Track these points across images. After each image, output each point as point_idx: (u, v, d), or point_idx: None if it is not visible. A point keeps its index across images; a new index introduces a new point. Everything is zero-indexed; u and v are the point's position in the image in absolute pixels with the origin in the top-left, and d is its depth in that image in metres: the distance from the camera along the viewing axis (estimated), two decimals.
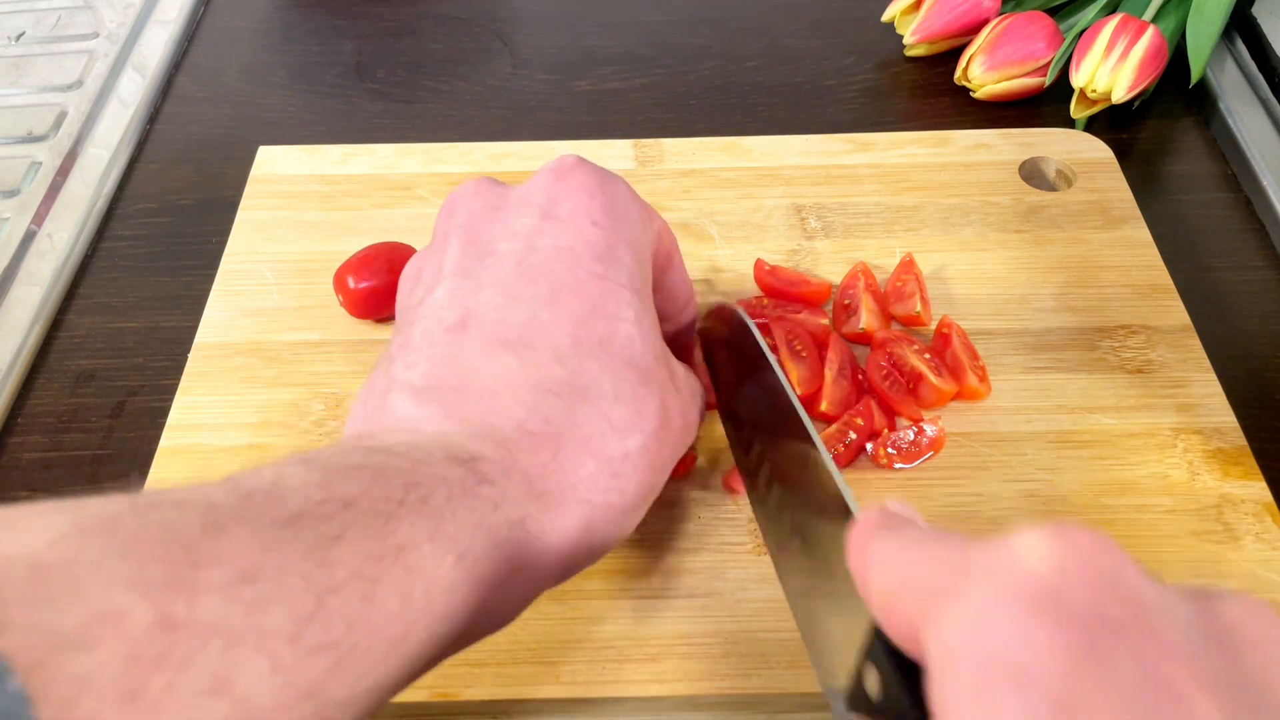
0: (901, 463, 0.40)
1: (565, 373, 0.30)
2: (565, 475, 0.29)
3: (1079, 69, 0.55)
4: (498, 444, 0.28)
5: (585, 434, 0.29)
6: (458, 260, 0.32)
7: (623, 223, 0.32)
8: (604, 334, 0.31)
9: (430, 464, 0.26)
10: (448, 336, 0.30)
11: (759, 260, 0.47)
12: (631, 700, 0.35)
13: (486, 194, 0.34)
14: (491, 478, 0.27)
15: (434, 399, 0.29)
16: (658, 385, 0.31)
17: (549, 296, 0.30)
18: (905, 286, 0.46)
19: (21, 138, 0.59)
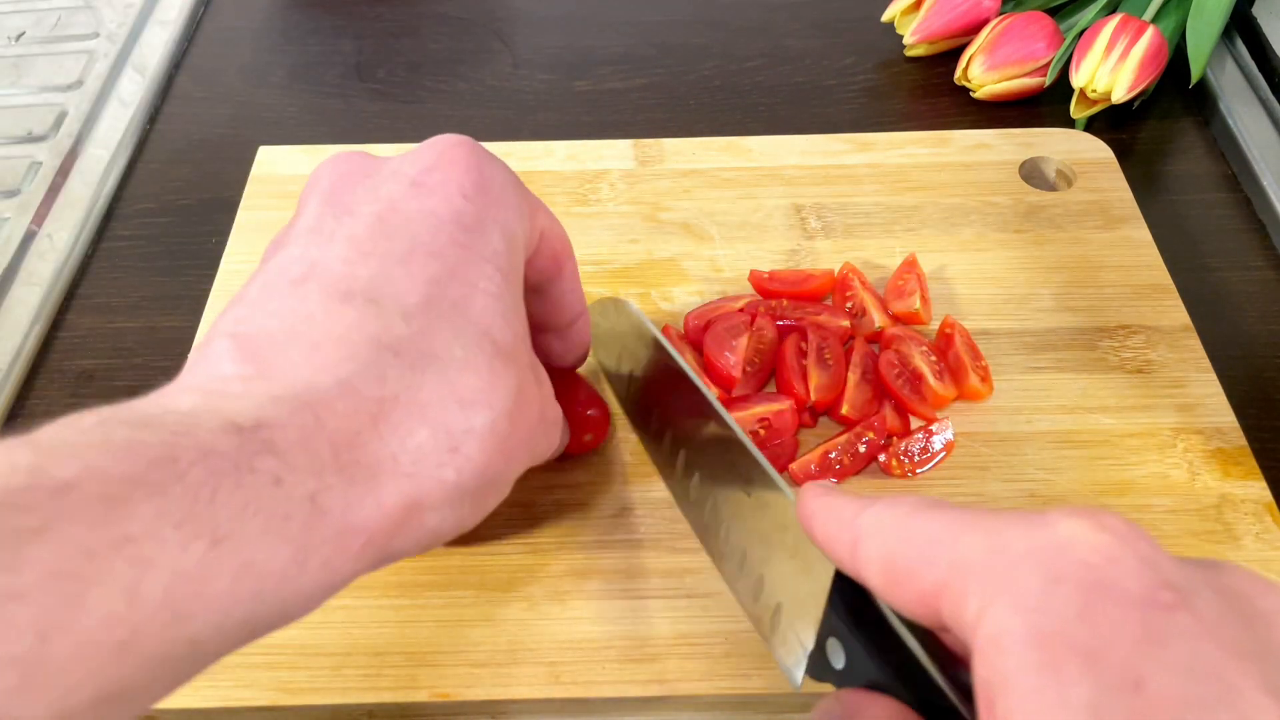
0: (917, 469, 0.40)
1: (411, 332, 0.27)
2: (386, 444, 0.26)
3: (1079, 69, 0.55)
4: (303, 405, 0.25)
5: (423, 399, 0.26)
6: (313, 219, 0.30)
7: (495, 203, 0.30)
8: (459, 299, 0.28)
9: (195, 434, 0.23)
10: (288, 289, 0.28)
11: (753, 271, 0.47)
12: (631, 700, 0.35)
13: (355, 161, 0.32)
14: (278, 447, 0.24)
15: (250, 353, 0.26)
16: (516, 366, 0.29)
17: (405, 253, 0.28)
18: (906, 285, 0.46)
19: (21, 138, 0.59)
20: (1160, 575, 0.20)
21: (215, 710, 0.35)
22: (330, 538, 0.24)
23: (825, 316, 0.45)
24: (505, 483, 0.30)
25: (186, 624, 0.22)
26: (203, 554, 0.22)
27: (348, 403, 0.25)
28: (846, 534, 0.25)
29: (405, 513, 0.26)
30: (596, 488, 0.40)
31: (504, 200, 0.31)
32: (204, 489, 0.22)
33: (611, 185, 0.52)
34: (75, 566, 0.20)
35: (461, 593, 0.37)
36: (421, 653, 0.36)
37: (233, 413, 0.24)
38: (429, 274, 0.28)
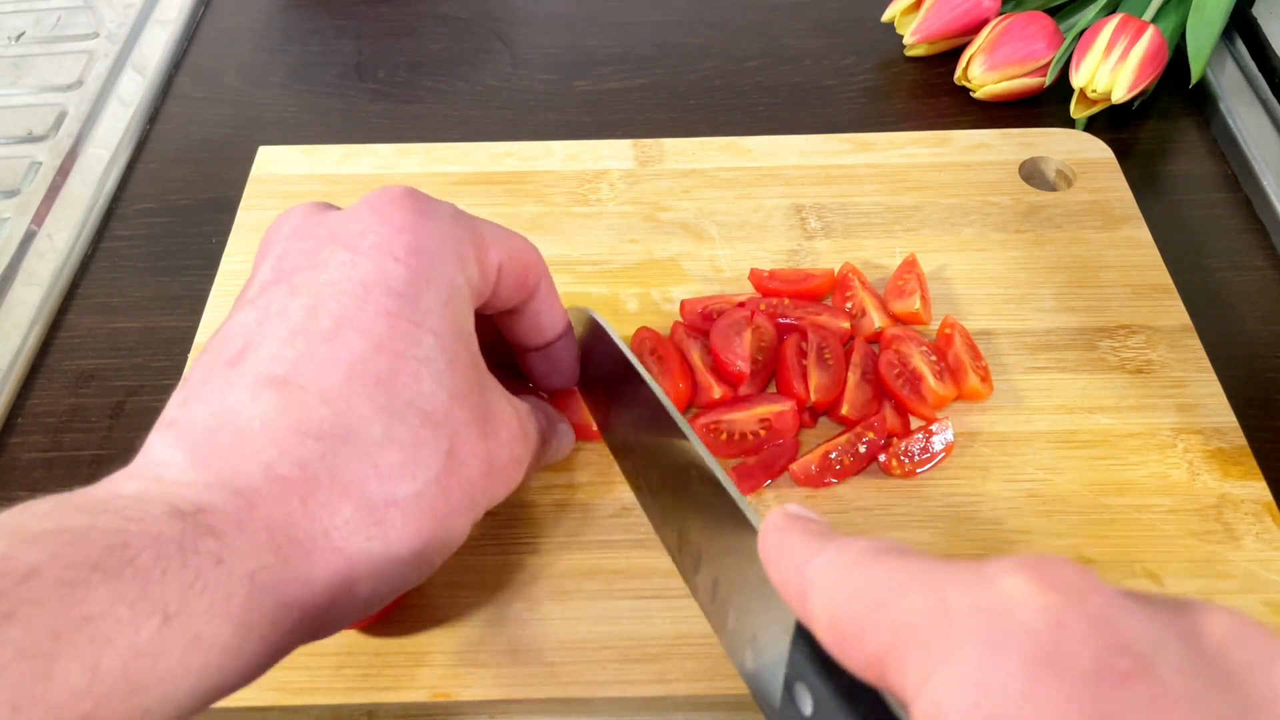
0: (919, 469, 0.40)
1: (330, 413, 0.28)
2: (315, 522, 0.27)
3: (1079, 69, 0.55)
4: (235, 492, 0.26)
5: (345, 479, 0.27)
6: (256, 288, 0.31)
7: (429, 260, 0.30)
8: (383, 373, 0.29)
9: (145, 520, 0.25)
10: (222, 372, 0.29)
11: (754, 270, 0.47)
12: (631, 700, 0.35)
13: (305, 221, 0.32)
14: (218, 530, 0.25)
15: (184, 442, 0.28)
16: (447, 429, 0.29)
17: (330, 331, 0.29)
18: (906, 285, 0.46)
19: (21, 138, 0.59)
20: (1116, 638, 0.18)
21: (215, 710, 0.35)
22: (268, 614, 0.26)
23: (825, 317, 0.45)
24: (449, 540, 0.30)
25: (141, 696, 0.23)
26: (156, 630, 0.23)
27: (273, 487, 0.27)
28: (797, 583, 0.24)
29: (337, 587, 0.27)
30: (596, 488, 0.40)
31: (440, 255, 0.31)
32: (154, 570, 0.24)
33: (611, 185, 0.52)
34: (42, 646, 0.22)
35: (461, 593, 0.37)
36: (421, 653, 0.36)
37: (174, 499, 0.26)
38: (353, 352, 0.29)
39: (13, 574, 0.22)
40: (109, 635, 0.22)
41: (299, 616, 0.27)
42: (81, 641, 0.22)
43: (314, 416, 0.28)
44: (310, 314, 0.29)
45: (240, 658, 0.25)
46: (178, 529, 0.25)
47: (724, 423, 0.41)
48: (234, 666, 0.25)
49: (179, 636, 0.24)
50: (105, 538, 0.24)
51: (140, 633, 0.23)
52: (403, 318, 0.29)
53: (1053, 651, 0.18)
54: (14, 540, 0.23)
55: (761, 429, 0.41)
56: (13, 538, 0.23)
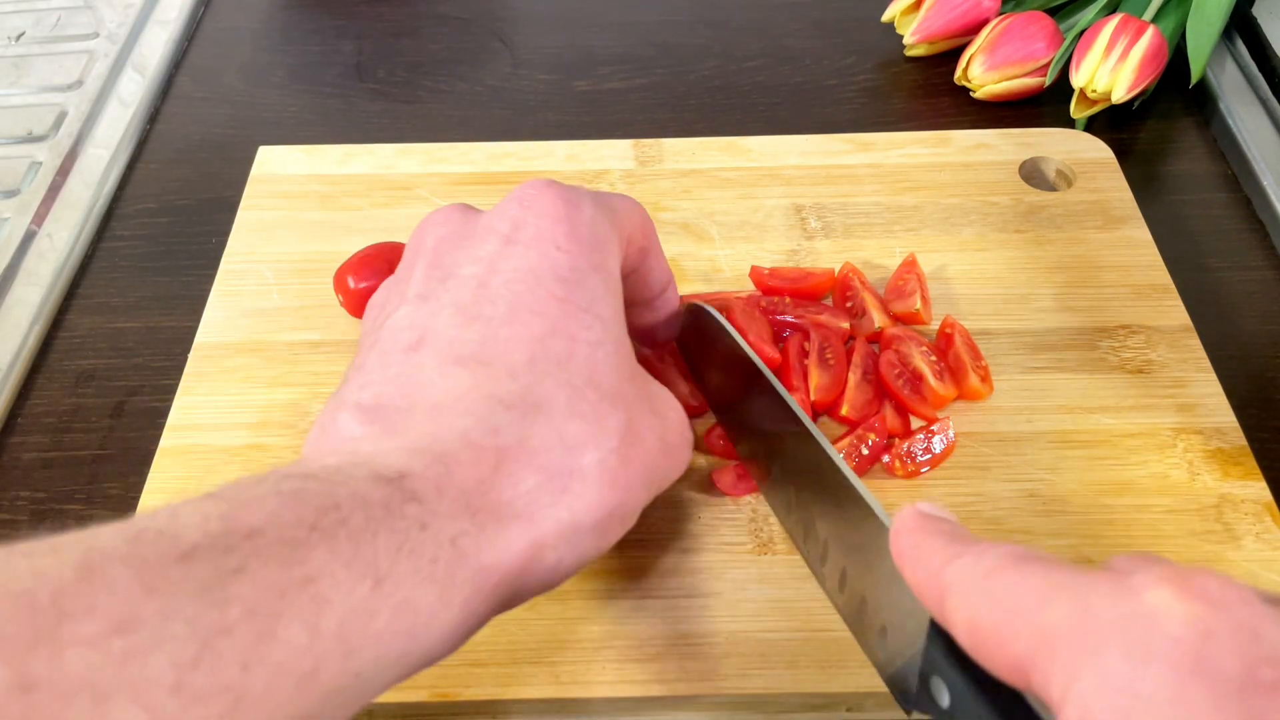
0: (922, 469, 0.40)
1: (519, 387, 0.29)
2: (504, 490, 0.28)
3: (1079, 69, 0.55)
4: (435, 458, 0.27)
5: (533, 447, 0.28)
6: (420, 284, 0.32)
7: (588, 247, 0.32)
8: (562, 353, 0.30)
9: (351, 484, 0.25)
10: (403, 357, 0.30)
11: (755, 267, 0.47)
12: (631, 700, 0.35)
13: (454, 221, 0.34)
14: (421, 495, 0.26)
15: (378, 418, 0.29)
16: (624, 404, 0.31)
17: (507, 315, 0.30)
18: (906, 285, 0.46)
19: (21, 138, 0.59)
20: (1262, 648, 0.19)
21: None
22: (469, 578, 0.26)
23: (826, 316, 0.45)
24: (628, 513, 0.31)
25: (354, 658, 0.24)
26: (368, 592, 0.24)
27: (470, 454, 0.28)
28: (934, 586, 0.24)
29: (529, 553, 0.28)
30: None
31: (595, 241, 0.32)
32: (365, 533, 0.24)
33: (611, 185, 0.52)
34: (269, 603, 0.22)
35: None
36: None
37: (377, 466, 0.26)
38: (531, 333, 0.30)
39: (239, 531, 0.23)
40: (327, 595, 0.23)
41: (496, 582, 0.27)
42: (304, 600, 0.23)
43: (504, 389, 0.29)
44: (484, 300, 0.30)
45: (443, 624, 0.26)
46: (383, 493, 0.25)
47: None
48: (438, 632, 0.26)
49: (389, 599, 0.24)
50: (316, 499, 0.24)
51: (355, 594, 0.23)
52: (572, 303, 0.31)
53: (1200, 660, 0.19)
54: (234, 504, 0.24)
55: None
56: (232, 502, 0.24)
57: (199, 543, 0.22)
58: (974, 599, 0.23)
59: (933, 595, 0.24)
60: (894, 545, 0.26)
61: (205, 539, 0.22)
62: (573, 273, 0.31)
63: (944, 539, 0.25)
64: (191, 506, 0.23)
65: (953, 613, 0.23)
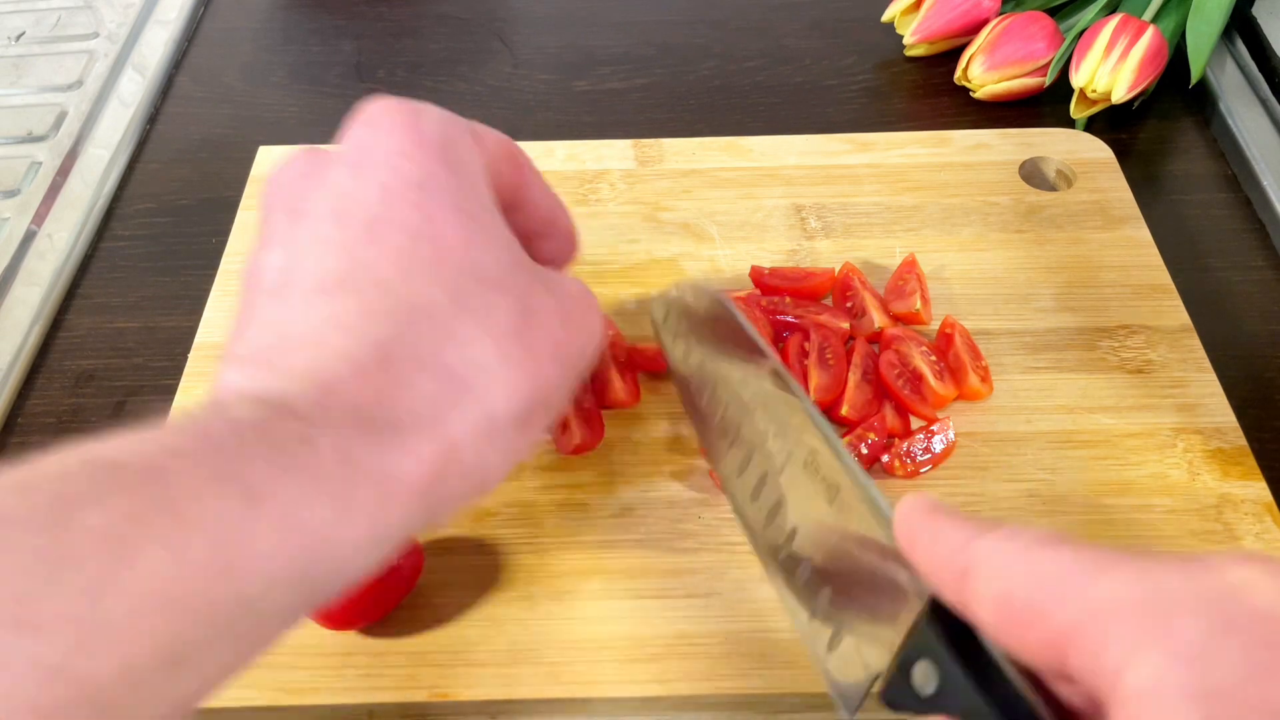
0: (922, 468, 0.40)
1: (393, 299, 0.28)
2: (402, 400, 0.27)
3: (1079, 69, 0.55)
4: (315, 382, 0.26)
5: (423, 352, 0.28)
6: (275, 230, 0.31)
7: (437, 149, 0.31)
8: (431, 257, 0.29)
9: (226, 412, 0.25)
10: (269, 301, 0.29)
11: (754, 267, 0.47)
12: (631, 700, 0.35)
13: (301, 163, 0.32)
14: (301, 412, 0.25)
15: (256, 361, 0.28)
16: (513, 289, 0.30)
17: (366, 235, 0.29)
18: (906, 285, 0.46)
19: (21, 138, 0.59)
20: None
21: (216, 710, 0.35)
22: (371, 488, 0.25)
23: (826, 316, 0.45)
24: (546, 398, 0.30)
25: (235, 581, 0.23)
26: (243, 512, 0.23)
27: (350, 369, 0.27)
28: (954, 563, 0.23)
29: (443, 457, 0.27)
30: (596, 488, 0.40)
31: (445, 140, 0.31)
32: (238, 455, 0.24)
33: (611, 185, 0.52)
34: (122, 530, 0.21)
35: (461, 593, 0.37)
36: (421, 653, 0.36)
37: (254, 394, 0.26)
38: (395, 245, 0.29)
39: (93, 464, 0.22)
40: (192, 518, 0.22)
41: (405, 494, 0.26)
42: (163, 524, 0.22)
43: (378, 305, 0.28)
44: (339, 226, 0.29)
45: (348, 541, 0.25)
46: (260, 414, 0.25)
47: None
48: (347, 552, 0.25)
49: (270, 518, 0.23)
50: (186, 429, 0.24)
51: (225, 515, 0.23)
52: (432, 204, 0.30)
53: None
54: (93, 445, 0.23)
55: None
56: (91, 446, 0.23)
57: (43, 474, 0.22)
58: (1010, 573, 0.22)
59: (950, 574, 0.23)
60: (901, 527, 0.26)
61: (50, 473, 0.22)
62: (427, 177, 0.30)
63: (963, 520, 0.24)
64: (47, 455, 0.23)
65: (979, 589, 0.23)
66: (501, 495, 0.40)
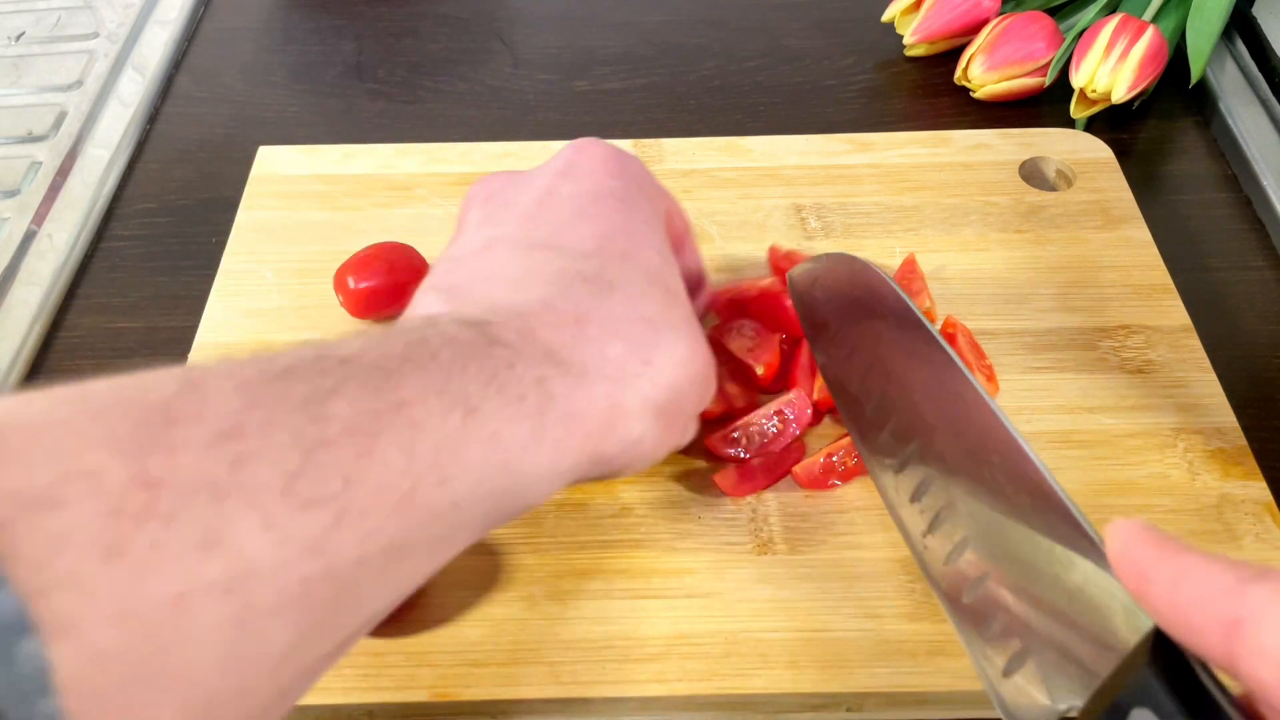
0: None
1: (594, 266, 0.31)
2: (590, 351, 0.29)
3: (1079, 69, 0.55)
4: (517, 314, 0.29)
5: (614, 319, 0.30)
6: (479, 217, 0.34)
7: (636, 184, 0.34)
8: (628, 249, 0.32)
9: (439, 326, 0.27)
10: (474, 255, 0.32)
11: (773, 247, 0.48)
12: (631, 700, 0.35)
13: (502, 176, 0.36)
14: (505, 340, 0.27)
15: (458, 293, 0.30)
16: (681, 301, 0.33)
17: (572, 217, 0.32)
18: (912, 285, 0.46)
19: (21, 138, 0.59)
20: None
21: None
22: (559, 420, 0.28)
23: None
24: (692, 408, 0.33)
25: (450, 485, 0.25)
26: (460, 421, 0.25)
27: (550, 315, 0.29)
28: (1218, 610, 0.21)
29: (613, 412, 0.29)
30: (596, 488, 0.40)
31: (642, 182, 0.35)
32: (455, 365, 0.26)
33: None
34: (366, 423, 0.23)
35: (461, 593, 0.37)
36: (421, 653, 0.36)
37: (463, 315, 0.28)
38: (597, 230, 0.32)
39: (332, 357, 0.24)
40: (420, 420, 0.24)
41: (586, 432, 0.28)
42: (399, 423, 0.24)
43: (580, 267, 0.31)
44: (546, 210, 0.32)
45: (535, 463, 0.27)
46: (470, 334, 0.27)
47: (740, 425, 0.41)
48: (530, 471, 0.27)
49: (481, 430, 0.25)
50: (406, 337, 0.26)
51: (447, 422, 0.25)
52: (632, 214, 0.33)
53: None
54: (324, 343, 0.25)
55: (779, 422, 0.41)
56: (323, 341, 0.25)
57: (294, 365, 0.23)
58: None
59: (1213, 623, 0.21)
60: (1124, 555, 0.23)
61: (300, 363, 0.23)
62: (628, 194, 0.33)
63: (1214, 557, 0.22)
64: (283, 347, 0.25)
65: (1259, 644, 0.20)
66: None
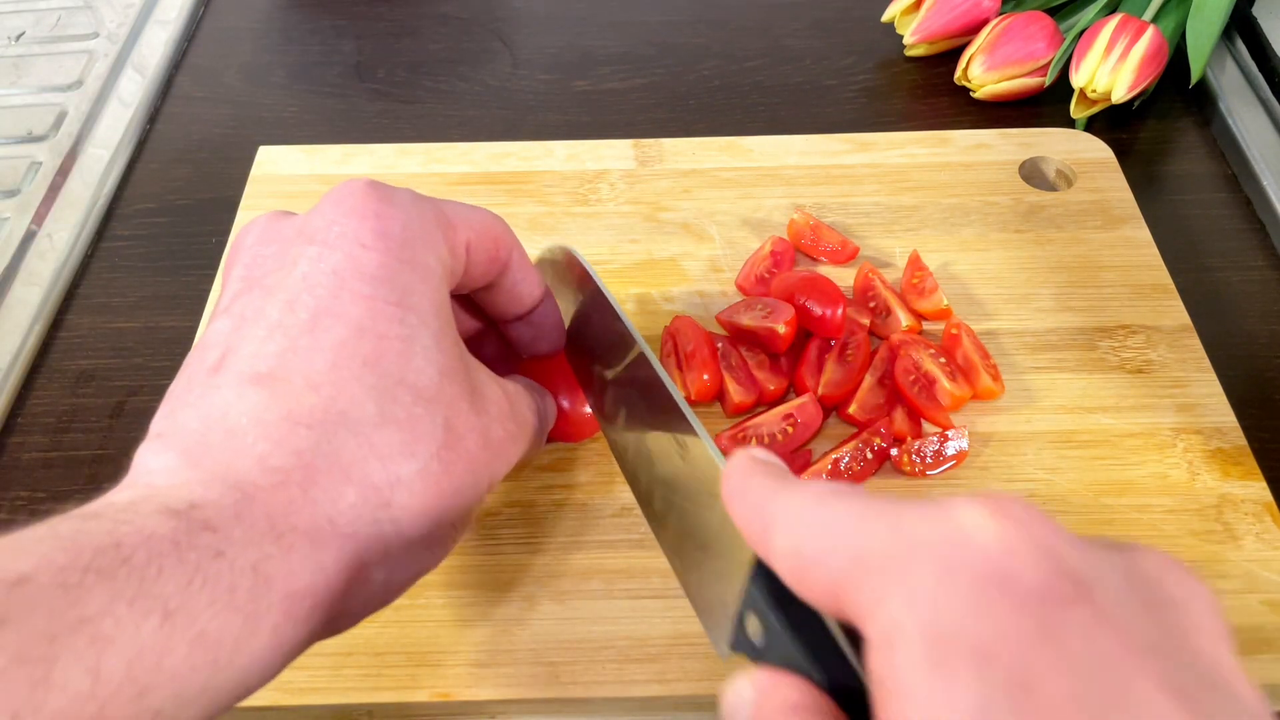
0: (930, 470, 0.40)
1: (320, 400, 0.28)
2: (318, 509, 0.27)
3: (1079, 69, 0.55)
4: (231, 486, 0.26)
5: (345, 462, 0.27)
6: (231, 298, 0.31)
7: (398, 242, 0.30)
8: (370, 354, 0.29)
9: (136, 520, 0.24)
10: (205, 379, 0.29)
11: (792, 221, 0.49)
12: (631, 700, 0.35)
13: (268, 228, 0.32)
14: (215, 524, 0.25)
15: (173, 448, 0.28)
16: (441, 404, 0.29)
17: (309, 323, 0.29)
18: (923, 283, 0.46)
19: (21, 138, 0.59)
20: (1060, 565, 0.20)
21: None
22: (277, 603, 0.25)
23: (852, 311, 0.45)
24: (459, 519, 0.30)
25: (149, 697, 0.23)
26: (157, 628, 0.23)
27: (270, 478, 0.27)
28: (759, 520, 0.24)
29: (349, 574, 0.27)
30: (596, 488, 0.40)
31: (408, 234, 0.31)
32: (150, 568, 0.23)
33: (611, 185, 0.52)
34: (39, 650, 0.21)
35: (461, 593, 0.37)
36: (421, 653, 0.36)
37: (167, 499, 0.25)
38: (334, 338, 0.29)
39: (3, 582, 0.22)
40: (108, 635, 0.22)
41: (311, 606, 0.26)
42: (80, 643, 0.22)
43: (304, 405, 0.28)
44: (287, 310, 0.29)
45: (253, 653, 0.25)
46: (171, 526, 0.25)
47: (750, 427, 0.41)
48: (248, 663, 0.25)
49: (183, 633, 0.23)
50: (96, 539, 0.24)
51: (141, 631, 0.23)
52: (380, 299, 0.29)
53: (1003, 573, 0.20)
54: (3, 552, 0.23)
55: (788, 426, 0.41)
56: (2, 550, 0.23)
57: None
58: (798, 528, 0.23)
59: (758, 529, 0.24)
60: (724, 484, 0.26)
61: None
62: (381, 269, 0.30)
63: (771, 477, 0.25)
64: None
65: (777, 543, 0.24)
66: (501, 495, 0.40)
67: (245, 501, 0.26)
